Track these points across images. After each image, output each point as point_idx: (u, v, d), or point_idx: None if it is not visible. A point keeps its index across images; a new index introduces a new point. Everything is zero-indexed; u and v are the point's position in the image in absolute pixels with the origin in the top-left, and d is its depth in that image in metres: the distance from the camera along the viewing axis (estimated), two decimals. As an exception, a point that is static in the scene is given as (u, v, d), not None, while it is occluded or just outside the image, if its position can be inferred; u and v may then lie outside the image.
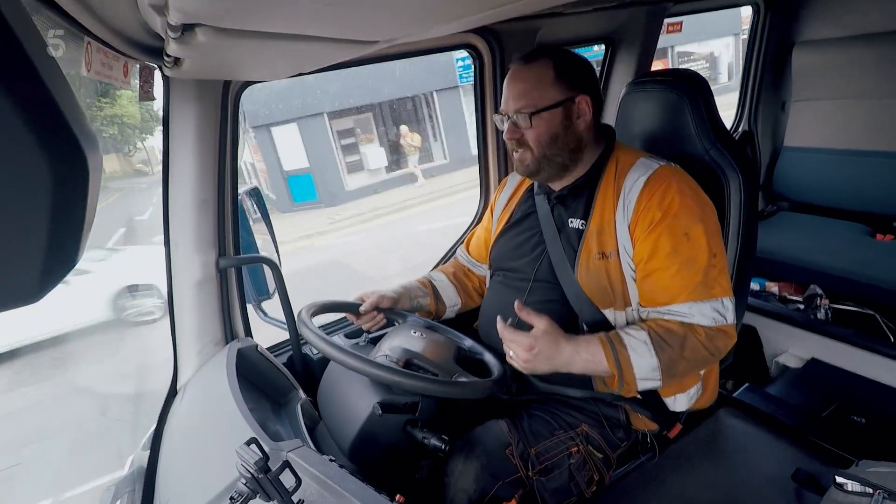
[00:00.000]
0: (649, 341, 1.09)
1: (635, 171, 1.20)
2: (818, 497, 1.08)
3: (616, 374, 1.09)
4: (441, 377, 1.12)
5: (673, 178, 1.16)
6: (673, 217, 1.12)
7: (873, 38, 2.22)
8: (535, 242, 1.32)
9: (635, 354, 1.08)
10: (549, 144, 1.20)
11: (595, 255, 1.20)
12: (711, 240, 1.14)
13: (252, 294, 1.56)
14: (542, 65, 1.19)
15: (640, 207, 1.15)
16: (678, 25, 2.46)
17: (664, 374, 1.09)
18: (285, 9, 0.57)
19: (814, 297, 2.03)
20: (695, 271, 1.12)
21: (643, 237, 1.15)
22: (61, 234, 0.31)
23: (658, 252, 1.13)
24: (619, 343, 1.10)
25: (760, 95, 2.62)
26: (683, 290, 1.12)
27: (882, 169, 2.23)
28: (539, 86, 1.18)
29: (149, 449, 1.31)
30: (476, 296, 1.60)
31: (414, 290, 1.49)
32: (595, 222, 1.22)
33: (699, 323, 1.11)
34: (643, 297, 1.18)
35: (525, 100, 1.19)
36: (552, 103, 1.18)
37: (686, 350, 1.09)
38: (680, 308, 1.12)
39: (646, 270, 1.16)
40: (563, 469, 1.17)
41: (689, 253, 1.12)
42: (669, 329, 1.11)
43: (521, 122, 1.20)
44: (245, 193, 1.53)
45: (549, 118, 1.19)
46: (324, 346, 1.08)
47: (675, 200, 1.13)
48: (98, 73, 0.85)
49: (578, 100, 1.20)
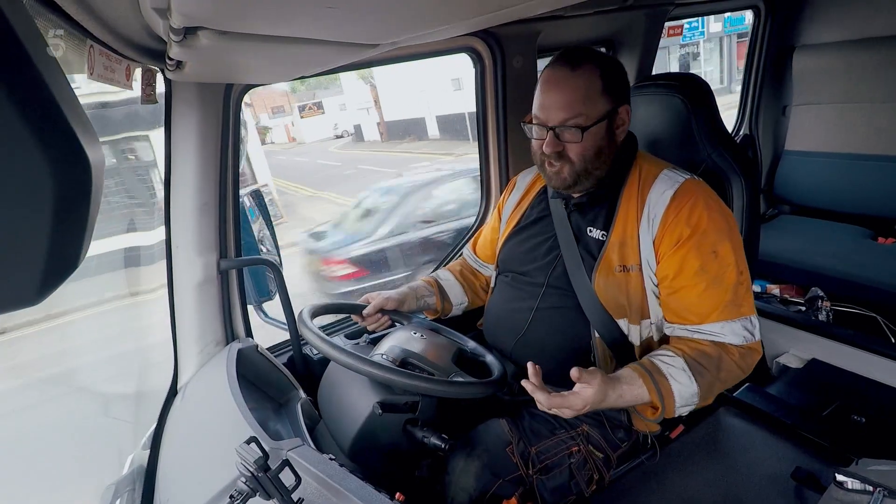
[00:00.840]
0: (687, 368, 1.07)
1: (661, 183, 1.17)
2: (818, 495, 1.08)
3: (660, 406, 1.06)
4: (438, 377, 1.12)
5: (700, 192, 1.14)
6: (701, 234, 1.11)
7: (874, 42, 2.22)
8: (549, 247, 1.30)
9: (676, 383, 1.06)
10: (593, 159, 1.15)
11: (616, 267, 1.18)
12: (738, 256, 1.13)
13: (253, 295, 1.57)
14: (590, 72, 1.12)
15: (667, 222, 1.13)
16: (679, 29, 2.47)
17: (701, 399, 1.09)
18: (287, 12, 0.58)
19: (815, 298, 2.03)
20: (723, 290, 1.11)
21: (669, 253, 1.13)
22: (63, 235, 0.31)
23: (685, 269, 1.12)
24: (659, 373, 1.07)
25: (761, 99, 2.62)
26: (714, 310, 1.11)
27: (883, 172, 2.23)
28: (589, 96, 1.12)
29: (149, 448, 1.32)
30: (483, 294, 1.60)
31: (420, 290, 1.49)
32: (617, 234, 1.19)
33: (731, 342, 1.11)
34: (669, 313, 1.17)
35: (574, 111, 1.12)
36: (601, 116, 1.13)
37: (722, 371, 1.09)
38: (712, 328, 1.11)
39: (672, 287, 1.14)
40: (564, 468, 1.17)
41: (717, 271, 1.11)
42: (703, 352, 1.10)
43: (567, 136, 1.14)
44: (247, 195, 1.54)
45: (596, 132, 1.14)
46: (323, 346, 1.09)
47: (703, 216, 1.11)
48: (101, 77, 0.86)
49: (621, 110, 1.16)
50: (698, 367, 1.07)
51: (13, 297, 0.31)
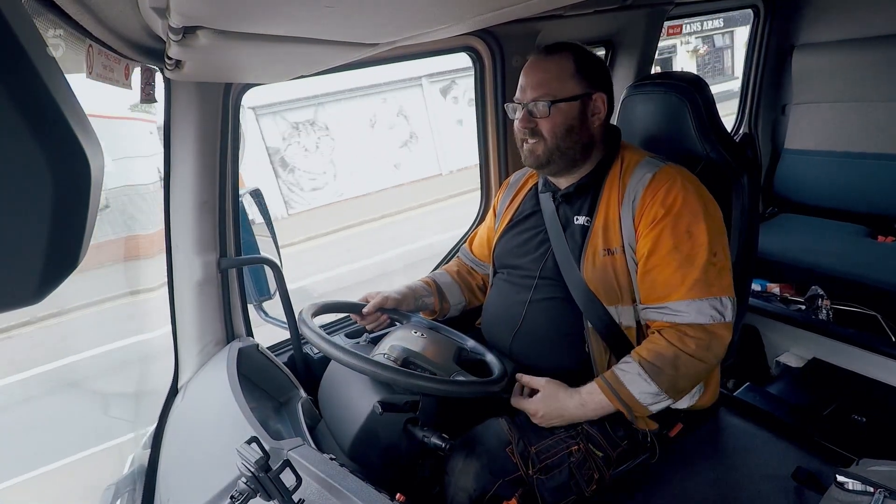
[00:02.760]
0: (643, 371, 1.12)
1: (641, 168, 1.21)
2: (819, 496, 1.08)
3: (626, 411, 1.14)
4: (440, 376, 1.12)
5: (678, 175, 1.18)
6: (676, 214, 1.14)
7: (873, 41, 2.22)
8: (540, 240, 1.33)
9: (634, 387, 1.12)
10: (563, 136, 1.21)
11: (601, 251, 1.21)
12: (714, 238, 1.14)
13: (253, 294, 1.56)
14: (563, 57, 1.21)
15: (645, 203, 1.17)
16: (678, 28, 2.47)
17: (671, 394, 1.13)
18: (286, 11, 0.58)
19: (815, 297, 2.03)
20: (694, 268, 1.13)
21: (646, 233, 1.17)
22: (62, 235, 0.31)
23: (659, 248, 1.15)
24: (617, 382, 1.14)
25: (761, 98, 2.62)
26: (681, 287, 1.13)
27: (882, 171, 2.23)
28: (560, 77, 1.20)
29: (149, 448, 1.32)
30: (480, 294, 1.61)
31: (419, 290, 1.50)
32: (600, 218, 1.23)
33: (694, 321, 1.12)
34: (643, 292, 1.19)
35: (545, 88, 1.20)
36: (572, 95, 1.20)
37: (680, 368, 1.12)
38: (677, 305, 1.13)
39: (646, 266, 1.17)
40: (564, 467, 1.17)
41: (689, 251, 1.13)
42: (658, 352, 1.13)
43: (538, 110, 1.21)
44: (246, 195, 1.54)
45: (566, 109, 1.20)
46: (323, 345, 1.09)
47: (678, 197, 1.14)
48: (100, 76, 0.86)
49: (595, 97, 1.22)
50: (653, 368, 1.12)
51: (12, 297, 0.31)
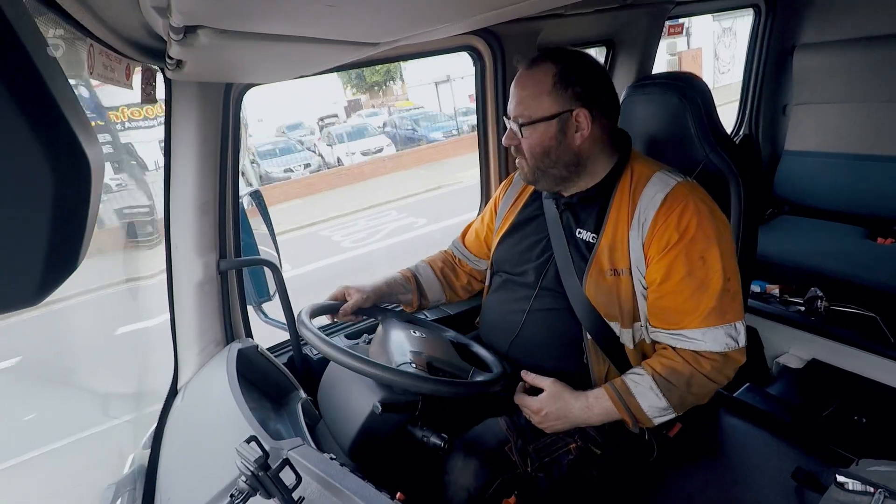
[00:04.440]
0: (655, 386, 1.10)
1: (652, 186, 1.16)
2: (818, 496, 1.08)
3: (630, 421, 1.13)
4: (461, 377, 1.14)
5: (691, 196, 1.13)
6: (690, 240, 1.10)
7: (874, 41, 2.21)
8: (543, 248, 1.30)
9: (644, 400, 1.11)
10: (541, 157, 1.17)
11: (608, 271, 1.17)
12: (726, 263, 1.12)
13: (253, 296, 1.56)
14: (542, 72, 1.15)
15: (657, 226, 1.13)
16: (679, 27, 2.47)
17: (677, 410, 1.13)
18: (287, 10, 0.58)
19: (814, 298, 2.03)
20: (709, 296, 1.10)
21: (658, 258, 1.13)
22: (62, 235, 0.31)
23: (672, 275, 1.12)
24: (627, 392, 1.12)
25: (761, 99, 2.62)
26: (696, 315, 1.11)
27: (883, 173, 2.23)
28: (536, 94, 1.14)
29: (149, 448, 1.32)
30: (462, 293, 1.57)
31: (396, 287, 1.45)
32: (607, 237, 1.18)
33: (710, 349, 1.11)
34: (653, 317, 1.17)
35: (521, 108, 1.16)
36: (545, 115, 1.14)
37: (693, 387, 1.11)
38: (693, 333, 1.12)
39: (659, 292, 1.14)
40: (562, 466, 1.17)
41: (703, 277, 1.11)
42: (674, 369, 1.11)
43: (516, 129, 1.18)
44: (246, 196, 1.54)
45: (542, 130, 1.15)
46: (323, 346, 1.09)
47: (692, 222, 1.10)
48: (100, 76, 0.86)
49: (576, 113, 1.14)
50: (667, 385, 1.10)
51: (12, 297, 0.31)
